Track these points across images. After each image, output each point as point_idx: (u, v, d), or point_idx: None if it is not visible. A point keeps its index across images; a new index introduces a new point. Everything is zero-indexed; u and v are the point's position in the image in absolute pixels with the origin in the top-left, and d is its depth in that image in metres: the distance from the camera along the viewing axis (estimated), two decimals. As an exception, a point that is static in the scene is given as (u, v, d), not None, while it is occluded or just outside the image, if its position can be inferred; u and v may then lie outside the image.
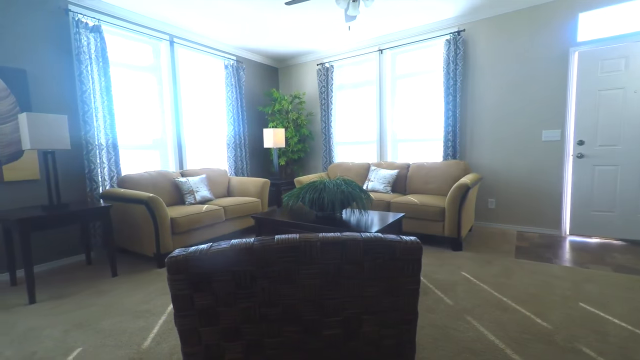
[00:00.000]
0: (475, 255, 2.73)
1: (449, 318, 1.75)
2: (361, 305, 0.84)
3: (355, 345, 0.87)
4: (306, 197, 2.24)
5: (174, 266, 0.80)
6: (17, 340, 1.68)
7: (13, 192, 2.55)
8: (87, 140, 2.88)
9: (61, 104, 2.80)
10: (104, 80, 2.96)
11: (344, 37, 4.11)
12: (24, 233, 2.05)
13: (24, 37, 2.58)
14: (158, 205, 2.58)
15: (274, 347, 0.87)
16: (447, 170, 3.43)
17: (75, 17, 2.77)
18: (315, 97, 4.89)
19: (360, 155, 4.60)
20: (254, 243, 0.80)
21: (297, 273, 0.81)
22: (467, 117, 3.72)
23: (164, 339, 1.65)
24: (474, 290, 2.08)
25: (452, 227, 2.84)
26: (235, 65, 4.27)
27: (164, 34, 3.55)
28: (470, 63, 3.64)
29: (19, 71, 2.53)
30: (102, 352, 1.55)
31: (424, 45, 3.91)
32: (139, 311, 1.95)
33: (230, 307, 0.83)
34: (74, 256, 2.91)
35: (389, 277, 0.81)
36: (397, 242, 0.80)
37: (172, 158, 3.74)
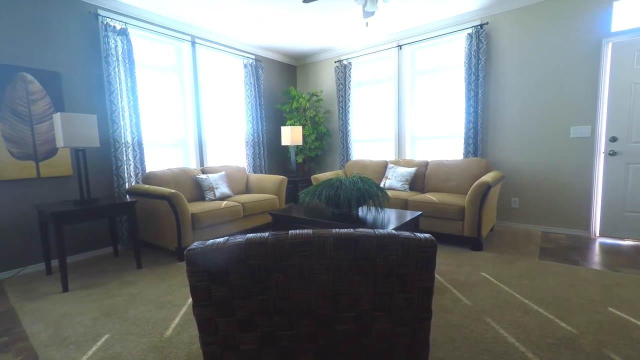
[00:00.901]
0: (496, 256, 2.65)
1: (466, 319, 1.72)
2: (374, 301, 0.84)
3: (368, 342, 0.87)
4: (322, 194, 2.25)
5: (193, 259, 0.83)
6: (52, 325, 1.80)
7: (48, 187, 2.73)
8: (114, 138, 3.02)
9: (91, 104, 2.95)
10: (130, 80, 3.09)
11: (362, 33, 4.08)
12: (58, 226, 2.18)
13: (58, 41, 2.73)
14: (180, 201, 2.67)
15: (287, 340, 0.88)
16: (467, 168, 3.34)
17: (104, 21, 2.91)
18: (332, 94, 4.88)
19: (377, 153, 4.56)
20: (269, 238, 0.82)
21: (311, 268, 0.82)
22: (489, 113, 3.59)
23: (185, 329, 1.71)
24: (494, 291, 2.02)
25: (472, 227, 2.76)
26: (254, 64, 4.34)
27: (185, 35, 3.66)
28: (494, 57, 3.51)
29: (53, 74, 2.69)
30: (128, 340, 1.64)
31: (444, 40, 3.81)
32: (162, 302, 2.04)
33: (245, 300, 0.85)
34: (102, 248, 3.08)
35: (402, 274, 0.81)
36: (410, 239, 0.80)
37: (193, 155, 3.86)
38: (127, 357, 1.50)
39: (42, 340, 1.66)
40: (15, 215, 2.56)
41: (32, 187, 2.64)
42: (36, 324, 1.81)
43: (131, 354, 1.52)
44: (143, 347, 1.57)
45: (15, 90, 2.50)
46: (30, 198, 2.63)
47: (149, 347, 1.57)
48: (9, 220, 2.53)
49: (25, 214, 2.61)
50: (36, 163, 2.63)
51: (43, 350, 1.57)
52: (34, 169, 2.62)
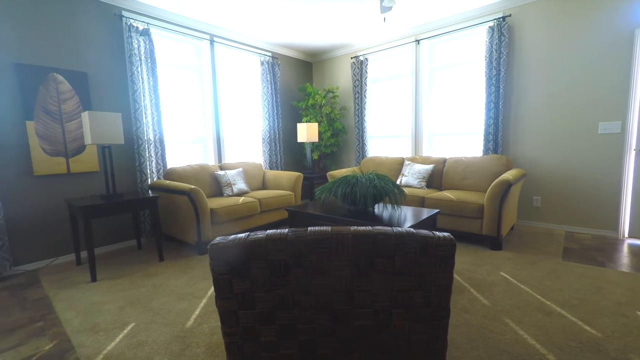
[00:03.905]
0: (516, 256, 2.58)
1: (485, 319, 1.69)
2: (391, 298, 0.85)
3: (386, 338, 0.88)
4: (338, 191, 2.26)
5: (216, 253, 0.86)
6: (82, 312, 1.91)
7: (77, 183, 2.87)
8: (137, 135, 3.14)
9: (115, 103, 3.07)
10: (152, 79, 3.19)
11: (379, 28, 4.03)
12: (87, 219, 2.30)
13: (86, 43, 2.85)
14: (199, 196, 2.75)
15: (306, 333, 0.91)
16: (487, 166, 3.26)
17: (127, 22, 3.01)
18: (348, 91, 4.86)
19: (393, 150, 4.51)
20: (288, 234, 0.84)
21: (329, 264, 0.84)
22: (510, 109, 3.48)
23: (205, 320, 1.78)
24: (514, 292, 1.97)
25: (492, 225, 2.70)
26: (271, 62, 4.37)
27: (204, 34, 3.73)
28: (516, 51, 3.39)
29: (81, 74, 2.81)
30: (152, 329, 1.72)
31: (464, 33, 3.70)
32: (183, 294, 2.11)
33: (265, 293, 0.88)
34: (126, 241, 3.21)
35: (420, 272, 0.81)
36: (429, 237, 0.80)
37: (211, 152, 3.95)
38: (152, 345, 1.57)
39: (74, 326, 1.76)
40: (48, 209, 2.71)
41: (63, 182, 2.79)
42: (68, 311, 1.93)
43: (155, 342, 1.60)
44: (166, 337, 1.64)
45: (48, 90, 2.64)
46: (61, 192, 2.78)
47: (172, 336, 1.64)
48: (43, 213, 2.69)
49: (57, 207, 2.76)
50: (66, 159, 2.77)
51: (75, 336, 1.67)
52: (64, 165, 2.76)
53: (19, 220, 2.57)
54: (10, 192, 2.52)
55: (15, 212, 2.55)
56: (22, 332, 1.73)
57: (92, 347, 1.57)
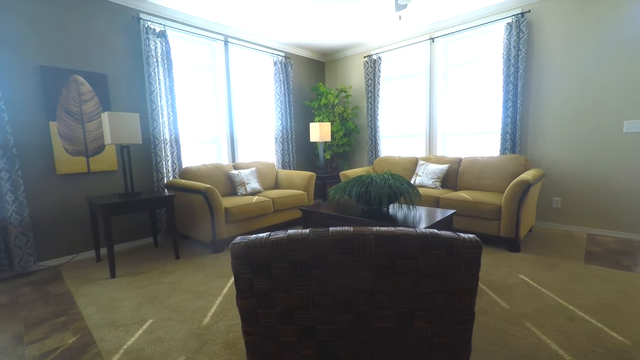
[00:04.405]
0: (535, 258, 2.51)
1: (504, 322, 1.65)
2: (414, 301, 0.83)
3: (407, 341, 0.87)
4: (353, 190, 2.25)
5: (237, 252, 0.87)
6: (103, 308, 1.96)
7: (97, 181, 2.95)
8: (154, 135, 3.20)
9: (133, 103, 3.14)
10: (168, 80, 3.25)
11: (393, 27, 3.98)
12: (107, 216, 2.36)
13: (105, 45, 2.93)
14: (214, 195, 2.78)
15: (326, 334, 0.90)
16: (504, 166, 3.18)
17: (145, 25, 3.07)
18: (361, 90, 4.83)
19: (407, 149, 4.46)
20: (310, 234, 0.83)
21: (351, 265, 0.83)
22: (529, 107, 3.39)
23: (221, 318, 1.79)
24: (534, 295, 1.92)
25: (510, 227, 2.64)
26: (284, 61, 4.39)
27: (219, 35, 3.77)
28: (536, 47, 3.29)
29: (101, 75, 2.88)
30: (170, 325, 1.75)
31: (480, 30, 3.63)
32: (199, 291, 2.14)
33: (286, 293, 0.88)
34: (143, 239, 3.28)
35: (444, 274, 0.80)
36: (454, 239, 0.78)
37: (225, 151, 4.00)
38: (170, 341, 1.60)
39: (95, 321, 1.81)
40: (69, 206, 2.80)
41: (83, 181, 2.87)
42: (89, 306, 1.98)
43: (173, 339, 1.62)
44: (184, 333, 1.66)
45: (69, 91, 2.72)
46: (82, 191, 2.86)
47: (189, 333, 1.66)
48: (65, 211, 2.77)
49: (78, 205, 2.85)
50: (87, 158, 2.85)
51: (96, 331, 1.71)
52: (84, 164, 2.84)
53: (42, 217, 2.66)
54: (34, 191, 2.61)
55: (39, 209, 2.64)
56: (47, 325, 1.79)
57: (112, 342, 1.61)
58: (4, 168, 2.38)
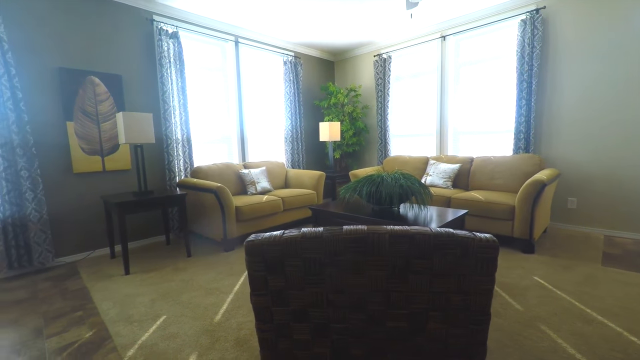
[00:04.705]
0: (550, 260, 2.46)
1: (518, 324, 1.62)
2: (429, 301, 0.83)
3: (421, 341, 0.86)
4: (363, 190, 2.24)
5: (252, 249, 0.88)
6: (119, 303, 2.00)
7: (111, 180, 3.01)
8: (166, 135, 3.25)
9: (146, 103, 3.20)
10: (180, 81, 3.30)
11: (403, 25, 3.95)
12: (122, 215, 2.41)
13: (120, 47, 2.99)
14: (225, 194, 2.81)
15: (339, 333, 0.90)
16: (517, 165, 3.12)
17: (158, 26, 3.13)
18: (371, 89, 4.81)
19: (417, 149, 4.42)
20: (324, 232, 0.84)
21: (364, 263, 0.83)
22: (543, 106, 3.31)
23: (233, 315, 1.81)
24: (550, 298, 1.88)
25: (523, 228, 2.59)
26: (293, 61, 4.40)
27: (230, 35, 3.81)
28: (551, 44, 3.22)
29: (116, 76, 2.95)
30: (182, 322, 1.77)
31: (493, 28, 3.56)
32: (210, 289, 2.17)
33: (299, 291, 0.88)
34: (156, 237, 3.34)
35: (460, 274, 0.79)
36: (470, 238, 0.77)
37: (235, 151, 4.03)
38: (183, 337, 1.63)
39: (111, 316, 1.85)
40: (85, 204, 2.87)
41: (99, 179, 2.94)
42: (105, 302, 2.03)
43: (186, 334, 1.65)
44: (196, 330, 1.69)
45: (86, 92, 2.79)
46: (97, 189, 2.93)
47: (201, 329, 1.69)
48: (81, 209, 2.84)
49: (93, 203, 2.91)
50: (102, 158, 2.91)
51: (112, 326, 1.75)
52: (100, 163, 2.90)
53: (59, 215, 2.73)
54: (52, 189, 2.69)
55: (57, 207, 2.72)
56: (65, 319, 1.84)
57: (127, 336, 1.65)
58: (24, 167, 2.45)
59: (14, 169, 2.44)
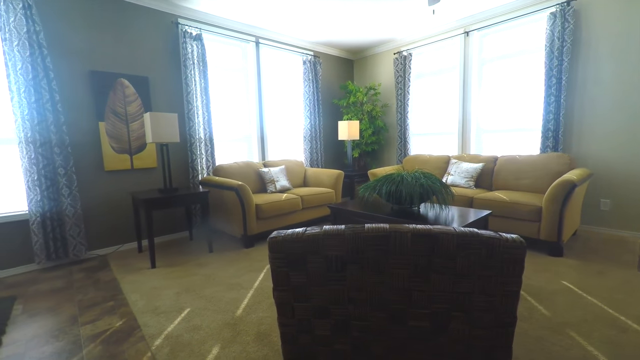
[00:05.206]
0: (580, 264, 2.34)
1: (545, 330, 1.56)
2: (451, 301, 0.82)
3: (443, 341, 0.86)
4: (383, 189, 2.23)
5: (275, 246, 0.90)
6: (146, 295, 2.10)
7: (139, 177, 3.15)
8: (190, 134, 3.36)
9: (171, 104, 3.32)
10: (203, 82, 3.39)
11: (425, 22, 3.87)
12: (148, 211, 2.52)
13: (147, 49, 3.11)
14: (246, 192, 2.88)
15: (360, 330, 0.91)
16: (545, 165, 2.99)
17: (183, 29, 3.23)
18: (390, 87, 4.75)
19: (438, 148, 4.33)
20: (346, 230, 0.85)
21: (386, 262, 0.83)
22: (574, 102, 3.16)
23: (253, 310, 1.86)
24: (580, 303, 1.80)
25: (551, 230, 2.48)
26: (313, 60, 4.42)
27: (250, 36, 3.87)
28: (583, 38, 3.06)
29: (143, 78, 3.08)
30: (205, 315, 1.83)
31: (520, 22, 3.43)
32: (232, 284, 2.23)
33: (321, 287, 0.90)
34: (179, 232, 3.47)
35: (484, 275, 0.77)
36: (495, 239, 0.76)
37: (255, 150, 4.11)
38: (206, 330, 1.68)
39: (139, 307, 1.94)
40: (115, 201, 3.02)
41: (127, 177, 3.08)
42: (134, 293, 2.13)
43: (209, 327, 1.70)
44: (218, 323, 1.74)
45: (116, 94, 2.93)
46: (126, 186, 3.08)
47: (223, 323, 1.74)
48: (112, 205, 2.99)
49: (122, 200, 3.06)
50: (130, 156, 3.05)
51: (140, 316, 1.84)
52: (128, 161, 3.04)
53: (92, 210, 2.89)
54: (85, 186, 2.85)
55: (89, 203, 2.87)
56: (98, 309, 1.95)
57: (155, 327, 1.72)
58: (60, 165, 2.61)
59: (52, 166, 2.61)
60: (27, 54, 2.42)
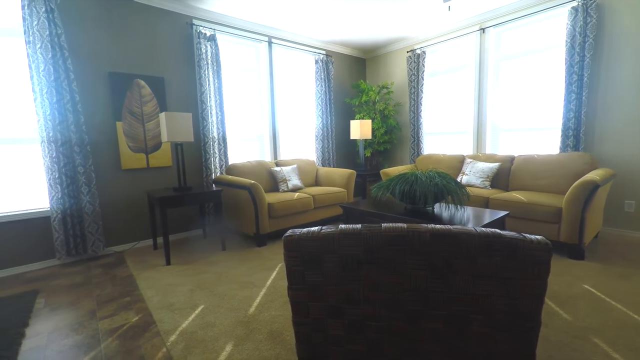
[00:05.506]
0: (603, 267, 2.26)
1: (566, 335, 1.51)
2: (471, 303, 0.79)
3: (462, 345, 0.83)
4: (396, 188, 2.20)
5: (290, 244, 0.89)
6: (161, 291, 2.14)
7: (154, 176, 3.21)
8: (204, 133, 3.40)
9: (186, 104, 3.37)
10: (217, 82, 3.43)
11: (439, 19, 3.80)
12: (163, 208, 2.56)
13: (163, 50, 3.17)
14: (258, 191, 2.89)
15: (375, 331, 0.90)
16: (565, 164, 2.90)
17: (197, 30, 3.27)
18: (403, 86, 4.69)
19: (452, 147, 4.25)
20: (362, 229, 0.83)
21: (404, 262, 0.81)
22: (597, 100, 3.04)
23: (266, 309, 1.86)
24: (602, 308, 1.73)
25: (572, 232, 2.40)
26: (325, 59, 4.41)
27: (263, 36, 3.89)
28: (606, 33, 2.94)
29: (159, 79, 3.13)
30: (219, 312, 1.85)
31: (539, 17, 3.32)
32: (244, 282, 2.25)
33: (336, 287, 0.89)
34: (193, 230, 3.52)
35: (507, 277, 0.75)
36: (519, 239, 0.73)
37: (267, 149, 4.13)
38: (220, 327, 1.70)
39: (154, 303, 1.98)
40: (132, 198, 3.09)
41: (143, 175, 3.14)
42: (149, 290, 2.17)
43: (222, 324, 1.72)
44: (232, 320, 1.75)
45: (132, 94, 2.99)
46: (142, 184, 3.14)
47: (236, 321, 1.75)
48: (128, 202, 3.06)
49: (138, 198, 3.13)
50: (146, 155, 3.12)
51: (156, 312, 1.87)
52: (144, 160, 3.11)
53: (109, 207, 2.97)
54: (104, 184, 2.92)
55: (107, 200, 2.95)
56: (115, 304, 1.99)
57: (169, 323, 1.75)
58: (80, 163, 2.69)
59: (72, 165, 2.69)
60: (49, 56, 2.50)
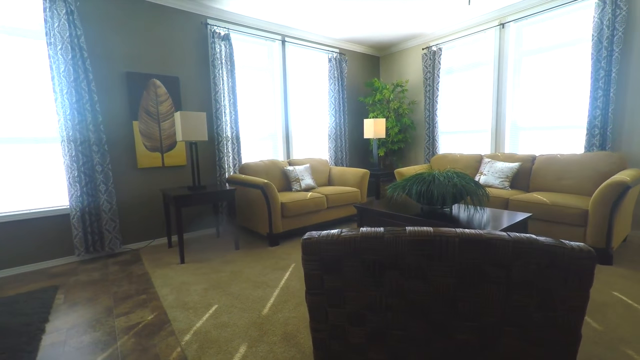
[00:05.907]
0: (633, 273, 2.14)
1: (597, 346, 1.42)
2: (504, 314, 0.74)
3: (493, 358, 0.78)
4: (413, 189, 2.14)
5: (308, 247, 0.86)
6: (175, 290, 2.15)
7: (169, 175, 3.25)
8: (217, 133, 3.41)
9: (200, 103, 3.38)
10: (231, 81, 3.44)
11: (456, 15, 3.70)
12: (178, 207, 2.58)
13: (178, 50, 3.19)
14: (272, 190, 2.88)
15: (398, 340, 0.85)
16: (591, 164, 2.76)
17: (212, 29, 3.28)
18: (418, 84, 4.60)
19: (468, 146, 4.13)
20: (385, 233, 0.79)
21: (430, 268, 0.77)
22: (626, 97, 2.89)
23: (279, 310, 1.84)
24: (635, 317, 1.63)
25: (599, 235, 2.28)
26: (338, 58, 4.36)
27: (276, 35, 3.88)
28: (637, 26, 2.78)
29: (174, 78, 3.16)
30: (232, 312, 1.84)
31: (563, 11, 3.18)
32: (258, 282, 2.23)
33: (357, 293, 0.85)
34: (207, 229, 3.54)
35: (544, 287, 0.69)
36: (558, 247, 0.67)
37: (280, 148, 4.11)
38: (234, 327, 1.69)
39: (169, 302, 1.99)
40: (147, 197, 3.12)
41: (158, 174, 3.18)
42: (164, 288, 2.18)
43: (236, 325, 1.71)
44: (245, 321, 1.74)
45: (149, 94, 3.02)
46: (157, 183, 3.18)
47: (250, 321, 1.74)
48: (144, 201, 3.10)
49: (153, 196, 3.17)
50: (161, 154, 3.15)
51: (170, 311, 1.88)
52: (159, 159, 3.14)
53: (126, 205, 3.01)
54: (120, 182, 2.97)
55: (123, 198, 2.99)
56: (131, 301, 2.01)
57: (184, 322, 1.75)
58: (98, 162, 2.74)
59: (91, 164, 2.74)
60: (69, 57, 2.55)
